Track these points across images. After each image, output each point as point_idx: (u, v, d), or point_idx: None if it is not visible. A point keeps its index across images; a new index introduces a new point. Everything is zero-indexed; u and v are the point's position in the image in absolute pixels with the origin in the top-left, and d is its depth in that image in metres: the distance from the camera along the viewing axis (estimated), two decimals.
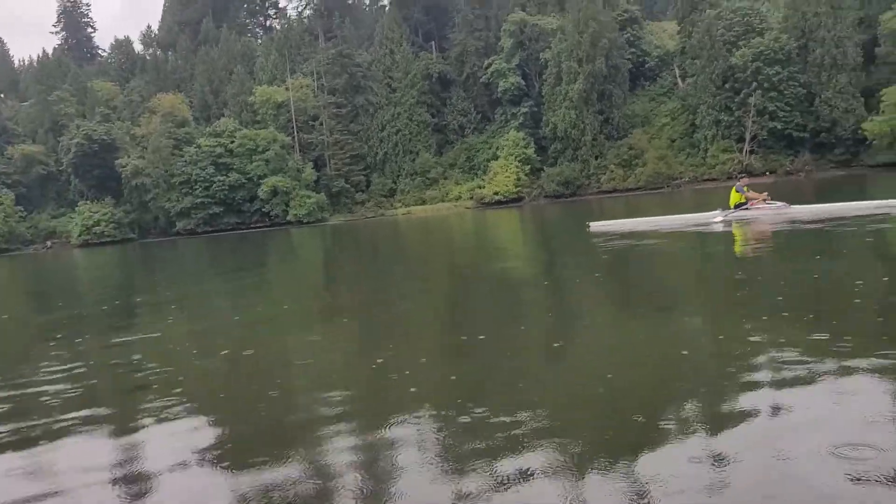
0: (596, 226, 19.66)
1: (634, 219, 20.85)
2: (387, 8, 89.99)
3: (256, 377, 6.56)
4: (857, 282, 8.44)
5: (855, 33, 60.49)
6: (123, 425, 5.39)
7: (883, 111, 56.60)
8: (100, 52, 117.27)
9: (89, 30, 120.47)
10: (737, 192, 18.50)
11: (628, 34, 75.63)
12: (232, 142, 75.97)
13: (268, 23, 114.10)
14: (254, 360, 7.26)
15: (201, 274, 23.54)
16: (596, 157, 69.23)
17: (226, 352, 7.87)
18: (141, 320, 12.00)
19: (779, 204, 17.64)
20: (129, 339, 9.79)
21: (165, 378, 6.84)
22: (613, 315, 8.57)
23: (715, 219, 17.82)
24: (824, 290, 8.30)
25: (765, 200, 18.13)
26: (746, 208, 17.95)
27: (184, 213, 74.76)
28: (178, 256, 39.31)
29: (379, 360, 6.67)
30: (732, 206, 18.29)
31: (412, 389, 5.65)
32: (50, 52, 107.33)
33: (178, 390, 6.29)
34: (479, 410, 4.93)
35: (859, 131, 58.85)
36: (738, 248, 13.96)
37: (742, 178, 19.40)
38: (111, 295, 18.34)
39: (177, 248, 50.11)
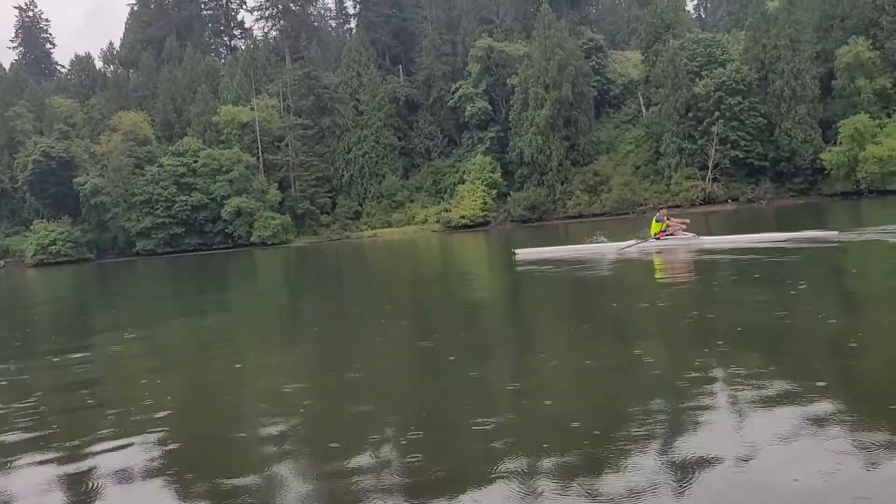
0: (522, 253, 20.01)
1: (559, 246, 21.82)
2: (353, 30, 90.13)
3: (208, 399, 6.45)
4: (760, 299, 9.54)
5: (813, 66, 62.32)
6: (67, 449, 5.20)
7: (840, 142, 58.32)
8: (59, 68, 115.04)
9: (48, 46, 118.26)
10: (657, 221, 19.17)
11: (593, 62, 76.84)
12: (195, 161, 74.80)
13: (232, 42, 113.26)
14: (207, 382, 7.14)
15: (159, 295, 22.84)
16: (562, 183, 69.80)
17: (178, 375, 7.66)
18: (93, 341, 11.54)
19: (690, 235, 18.46)
20: (77, 357, 9.38)
21: (112, 400, 6.69)
22: (532, 341, 8.76)
23: (630, 247, 18.60)
24: (745, 314, 8.76)
25: (683, 231, 18.97)
26: (670, 234, 18.71)
27: (144, 233, 73.14)
28: (136, 277, 38.30)
29: (329, 384, 6.67)
30: (653, 235, 18.93)
31: (363, 408, 5.68)
32: (7, 67, 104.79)
33: (126, 413, 6.09)
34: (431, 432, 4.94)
35: (817, 161, 60.50)
36: (658, 275, 14.67)
37: (661, 208, 20.69)
38: (63, 314, 17.74)
39: (136, 269, 48.91)
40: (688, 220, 19.88)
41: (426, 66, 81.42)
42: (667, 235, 18.79)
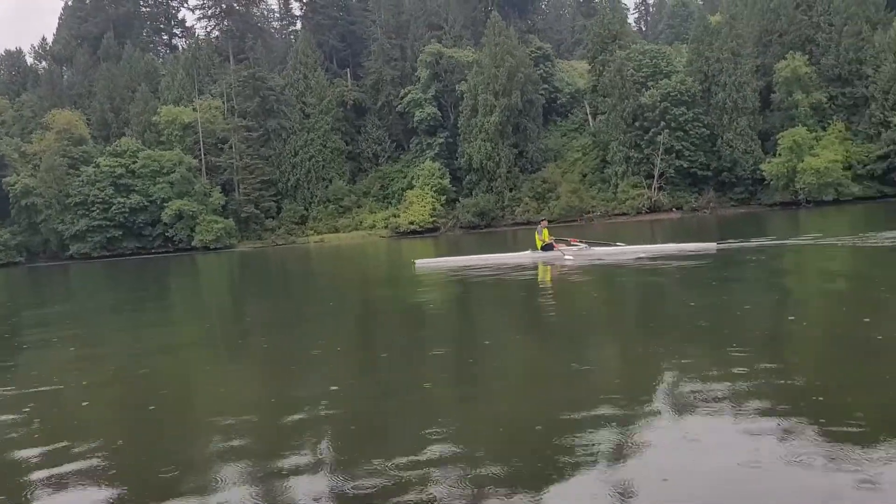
0: (421, 263, 20.26)
1: (458, 257, 22.49)
2: (300, 32, 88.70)
3: (143, 410, 6.18)
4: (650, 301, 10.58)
5: (753, 79, 64.16)
6: None
7: (780, 153, 60.10)
8: None
9: None
10: (538, 235, 19.70)
11: (541, 70, 77.51)
12: (134, 162, 72.22)
13: (173, 41, 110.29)
14: (141, 392, 6.83)
15: (94, 301, 21.64)
16: (510, 189, 70.06)
17: (110, 386, 7.30)
18: (17, 353, 10.77)
19: (582, 245, 19.02)
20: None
21: (38, 413, 6.35)
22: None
23: (526, 258, 19.03)
24: (643, 313, 9.63)
25: (567, 242, 19.62)
26: (551, 249, 19.23)
27: (79, 237, 70.16)
28: (71, 283, 36.51)
29: (273, 395, 6.56)
30: (539, 248, 19.32)
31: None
32: None
33: (54, 427, 5.78)
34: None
35: (758, 172, 62.25)
36: (549, 282, 15.11)
37: (542, 221, 20.75)
38: None
39: (70, 274, 46.72)
40: (566, 240, 20.46)
41: (374, 70, 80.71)
42: (558, 245, 19.26)
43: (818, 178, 57.17)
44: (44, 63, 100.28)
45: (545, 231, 19.73)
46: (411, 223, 69.13)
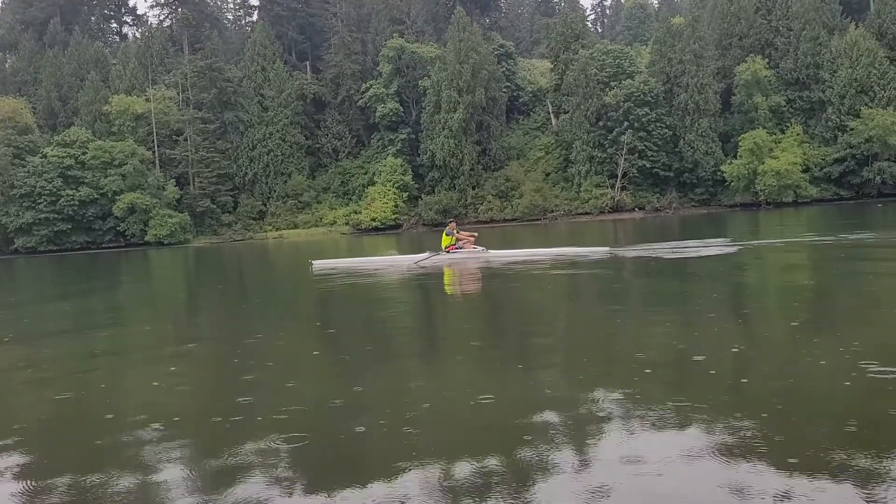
0: (318, 264, 19.95)
1: (355, 258, 22.58)
2: (257, 23, 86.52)
3: (87, 418, 5.54)
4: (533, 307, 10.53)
5: (714, 81, 64.91)
6: None
7: (740, 155, 60.97)
8: None
9: None
10: (447, 235, 19.30)
11: (503, 68, 77.14)
12: (84, 153, 69.37)
13: (123, 30, 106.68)
14: (85, 398, 6.12)
15: (37, 297, 20.31)
16: (473, 187, 69.55)
17: (54, 390, 6.46)
18: None
19: (479, 248, 18.81)
20: None
21: None
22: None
23: (424, 260, 18.75)
24: (555, 320, 9.43)
25: (472, 244, 19.26)
26: (459, 248, 18.90)
27: (24, 230, 67.07)
28: (14, 278, 34.51)
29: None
30: (444, 248, 19.04)
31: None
32: None
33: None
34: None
35: (718, 173, 63.03)
36: (448, 289, 14.57)
37: (451, 221, 20.55)
38: None
39: (14, 269, 44.37)
40: (476, 234, 20.31)
41: (335, 63, 79.22)
42: (457, 248, 18.95)
43: (778, 179, 58.19)
44: None
45: (456, 231, 19.41)
46: (373, 220, 68.09)
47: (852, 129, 58.90)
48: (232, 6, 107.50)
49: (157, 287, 22.98)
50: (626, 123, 64.15)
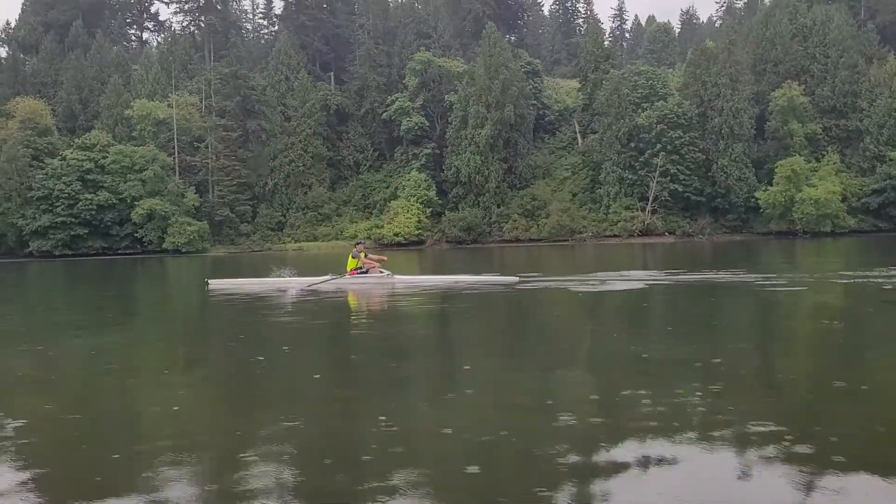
0: (215, 283, 19.00)
1: (255, 279, 21.47)
2: (281, 32, 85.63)
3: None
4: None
5: (749, 106, 63.71)
6: None
7: (776, 182, 59.59)
8: None
9: None
10: (353, 258, 18.31)
11: (530, 86, 76.05)
12: (104, 157, 68.10)
13: (144, 35, 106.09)
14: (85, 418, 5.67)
15: (53, 304, 19.14)
16: (498, 205, 68.14)
17: (51, 406, 6.06)
18: None
19: (385, 273, 17.92)
20: None
21: None
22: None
23: (319, 283, 17.70)
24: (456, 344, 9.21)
25: (379, 269, 18.34)
26: (364, 272, 17.95)
27: (40, 233, 65.61)
28: (28, 282, 32.99)
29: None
30: (349, 271, 18.10)
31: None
32: None
33: None
34: None
35: (752, 199, 61.66)
36: (353, 315, 13.55)
37: (358, 244, 19.15)
38: None
39: (30, 273, 42.83)
40: (385, 258, 19.46)
41: (360, 75, 78.27)
42: (360, 272, 17.97)
43: (816, 209, 56.80)
44: (6, 48, 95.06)
45: (363, 254, 18.34)
46: (396, 235, 66.61)
47: (892, 160, 57.62)
48: (251, 15, 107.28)
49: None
50: (658, 146, 62.90)
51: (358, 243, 19.10)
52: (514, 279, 17.30)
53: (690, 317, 11.22)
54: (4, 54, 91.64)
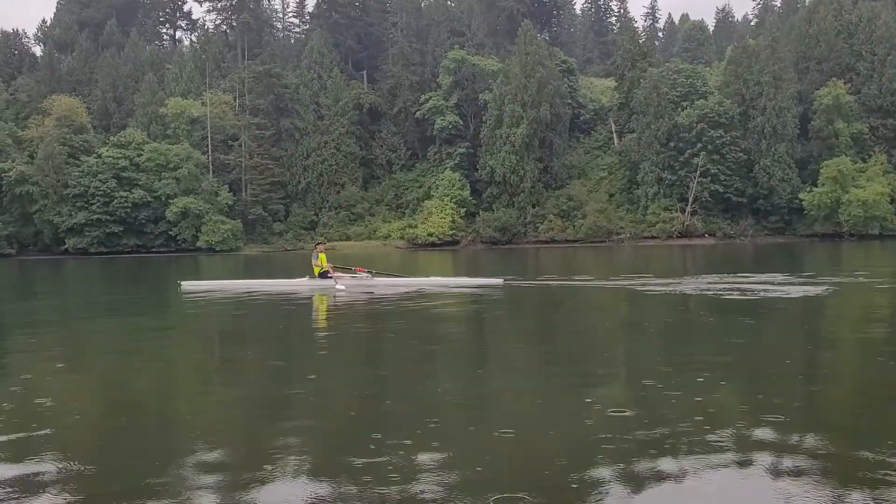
0: (188, 285, 18.29)
1: (228, 281, 21.06)
2: (314, 30, 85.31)
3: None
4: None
5: (793, 105, 62.14)
6: None
7: (822, 183, 58.01)
8: None
9: None
10: (314, 260, 17.52)
11: (566, 84, 74.93)
12: (139, 155, 68.22)
13: (176, 34, 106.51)
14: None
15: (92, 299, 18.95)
16: (533, 206, 67.12)
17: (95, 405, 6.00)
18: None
19: (364, 274, 17.33)
20: None
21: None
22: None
23: (301, 285, 17.16)
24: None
25: (351, 270, 17.75)
26: (329, 276, 17.18)
27: (76, 230, 65.85)
28: (68, 278, 32.68)
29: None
30: (317, 275, 17.31)
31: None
32: None
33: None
34: None
35: (795, 201, 60.12)
36: (321, 320, 13.00)
37: (318, 244, 18.27)
38: None
39: (68, 269, 42.67)
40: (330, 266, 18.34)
41: (393, 74, 77.73)
42: (331, 275, 17.24)
43: (864, 210, 55.19)
44: (40, 47, 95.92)
45: (322, 256, 17.46)
46: (430, 235, 65.92)
47: None
48: (281, 14, 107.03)
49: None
50: (699, 145, 61.56)
51: (318, 244, 18.37)
52: (499, 281, 16.98)
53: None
54: (40, 53, 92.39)
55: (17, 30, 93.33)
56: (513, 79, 67.76)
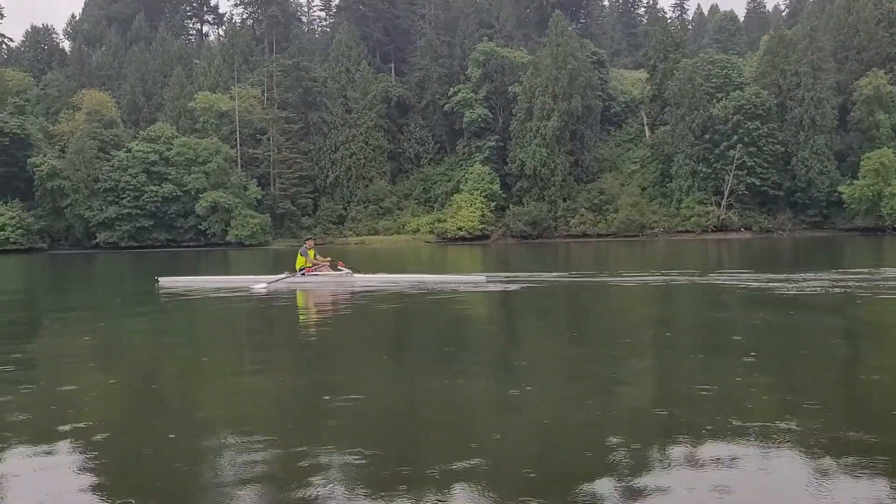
0: (166, 281, 18.08)
1: (203, 276, 20.75)
2: (340, 24, 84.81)
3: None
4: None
5: (832, 96, 60.64)
6: None
7: (863, 175, 56.55)
8: (7, 41, 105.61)
9: None
10: (301, 255, 17.20)
11: (597, 76, 73.79)
12: (168, 149, 68.24)
13: (204, 28, 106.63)
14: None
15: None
16: (564, 199, 66.21)
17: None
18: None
19: (344, 271, 16.87)
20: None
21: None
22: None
23: (279, 281, 16.73)
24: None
25: (332, 268, 17.19)
26: (314, 273, 16.87)
27: (107, 224, 66.00)
28: (104, 272, 32.43)
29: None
30: (298, 270, 17.04)
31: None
32: None
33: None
34: None
35: (834, 194, 58.69)
36: (301, 316, 12.92)
37: (308, 240, 17.90)
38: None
39: (101, 263, 42.53)
40: (329, 259, 17.88)
41: (421, 66, 77.07)
42: (314, 272, 16.86)
43: None
44: (67, 42, 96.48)
45: (311, 252, 17.22)
46: (460, 229, 65.28)
47: None
48: (306, 7, 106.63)
49: None
50: (734, 137, 60.24)
51: (308, 239, 18.13)
52: (482, 278, 16.59)
53: None
54: (69, 48, 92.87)
55: (47, 25, 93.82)
56: (543, 70, 66.78)
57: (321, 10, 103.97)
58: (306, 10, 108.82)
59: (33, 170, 66.66)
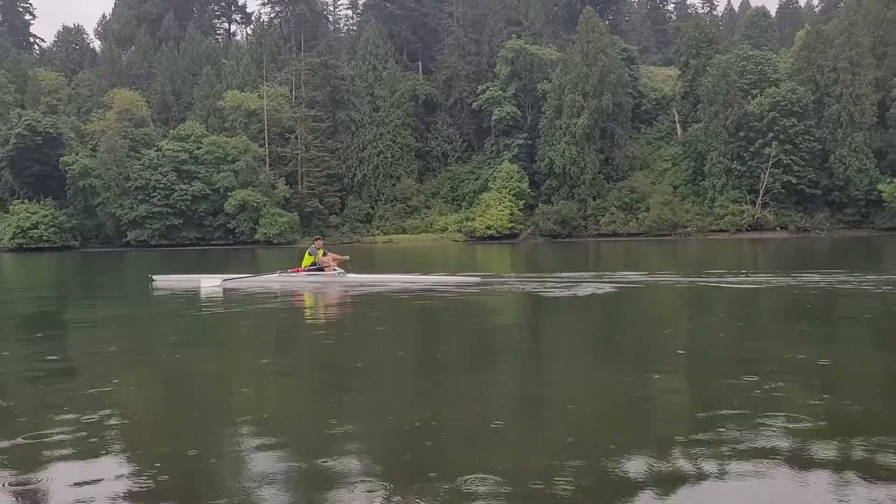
0: (161, 280, 17.54)
1: (197, 275, 19.71)
2: (367, 22, 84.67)
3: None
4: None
5: (871, 92, 59.20)
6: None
7: None
8: (38, 41, 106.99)
9: (27, 17, 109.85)
10: (310, 255, 16.66)
11: (628, 73, 72.80)
12: (198, 148, 68.55)
13: (232, 27, 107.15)
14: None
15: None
16: (594, 198, 65.39)
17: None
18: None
19: (338, 271, 16.41)
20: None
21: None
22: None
23: (273, 279, 16.35)
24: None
25: (342, 266, 16.73)
26: (321, 271, 16.46)
27: (137, 223, 66.49)
28: (132, 269, 32.34)
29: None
30: (302, 268, 16.72)
31: None
32: None
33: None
34: None
35: (873, 192, 57.28)
36: (307, 315, 12.21)
37: (317, 240, 17.38)
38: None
39: (133, 261, 42.55)
40: (346, 257, 17.65)
41: (449, 64, 76.66)
42: (314, 271, 16.34)
43: None
44: (98, 42, 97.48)
45: (320, 251, 16.76)
46: (488, 228, 64.75)
47: None
48: (332, 6, 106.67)
49: None
50: (770, 134, 59.02)
51: (317, 239, 17.68)
52: (476, 280, 15.87)
53: None
54: (100, 48, 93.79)
55: (78, 25, 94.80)
56: (573, 67, 65.99)
57: (347, 8, 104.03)
58: (332, 9, 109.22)
59: (65, 168, 67.29)
